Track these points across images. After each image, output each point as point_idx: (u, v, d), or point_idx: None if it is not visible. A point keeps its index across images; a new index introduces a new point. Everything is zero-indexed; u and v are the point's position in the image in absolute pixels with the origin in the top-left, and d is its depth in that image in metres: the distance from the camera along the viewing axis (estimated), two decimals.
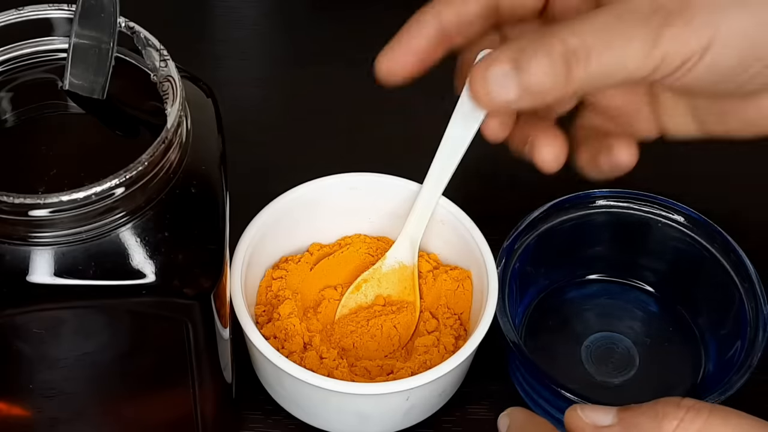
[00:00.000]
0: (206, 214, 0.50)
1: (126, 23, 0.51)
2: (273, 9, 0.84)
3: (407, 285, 0.62)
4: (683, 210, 0.64)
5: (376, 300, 0.62)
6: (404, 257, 0.62)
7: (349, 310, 0.62)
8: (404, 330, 0.61)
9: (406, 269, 0.62)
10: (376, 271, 0.62)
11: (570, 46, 0.51)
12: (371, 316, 0.61)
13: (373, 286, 0.62)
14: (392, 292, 0.62)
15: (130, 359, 0.52)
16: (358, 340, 0.61)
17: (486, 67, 0.53)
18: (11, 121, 0.51)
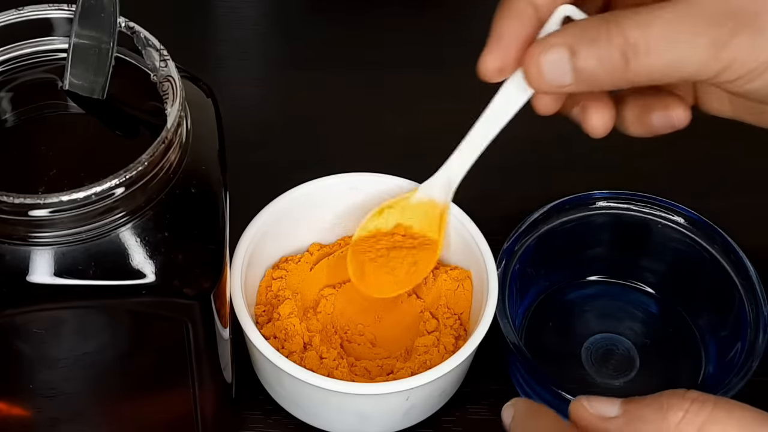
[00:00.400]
0: (206, 214, 0.50)
1: (126, 23, 0.51)
2: (273, 9, 0.84)
3: (433, 222, 0.60)
4: (683, 211, 0.64)
5: (396, 228, 0.60)
6: (437, 194, 0.60)
7: (367, 233, 0.60)
8: (424, 267, 0.60)
9: (435, 206, 0.60)
10: (403, 200, 0.60)
11: (631, 39, 0.51)
12: (392, 245, 0.60)
13: (395, 214, 0.60)
14: (414, 224, 0.60)
15: (130, 359, 0.52)
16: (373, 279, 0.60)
17: (542, 51, 0.52)
18: (11, 121, 0.51)
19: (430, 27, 0.81)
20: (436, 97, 0.77)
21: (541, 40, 0.53)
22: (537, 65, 0.53)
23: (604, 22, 0.52)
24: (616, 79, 0.52)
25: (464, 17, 0.82)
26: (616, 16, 0.52)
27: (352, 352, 0.61)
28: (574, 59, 0.52)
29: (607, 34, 0.51)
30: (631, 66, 0.51)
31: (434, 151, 0.73)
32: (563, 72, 0.52)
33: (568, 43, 0.52)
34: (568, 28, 0.53)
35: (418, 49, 0.79)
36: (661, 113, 0.57)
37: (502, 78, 0.56)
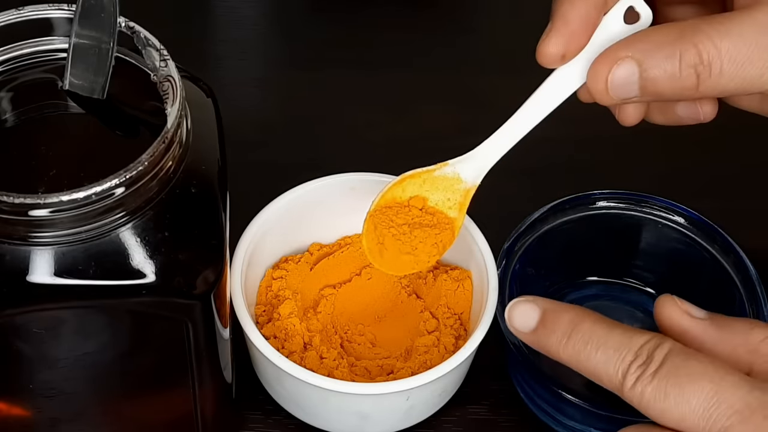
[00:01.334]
0: (206, 214, 0.50)
1: (126, 23, 0.51)
2: (273, 9, 0.84)
3: (453, 199, 0.58)
4: (683, 211, 0.64)
5: (412, 201, 0.59)
6: (465, 172, 0.58)
7: (385, 202, 0.58)
8: (443, 248, 0.59)
9: (459, 183, 0.58)
10: (426, 171, 0.58)
11: (704, 57, 0.50)
12: (411, 221, 0.58)
13: (415, 184, 0.58)
14: (431, 197, 0.58)
15: (130, 359, 0.52)
16: (393, 256, 0.58)
17: (610, 65, 0.51)
18: (11, 121, 0.51)
19: (430, 27, 0.81)
20: (436, 96, 0.77)
21: (609, 52, 0.52)
22: (605, 80, 0.51)
23: (677, 35, 0.50)
24: (684, 95, 0.51)
25: (464, 17, 0.82)
26: (687, 29, 0.50)
27: (352, 352, 0.61)
28: (644, 75, 0.51)
29: (681, 50, 0.50)
30: (702, 85, 0.50)
31: (434, 151, 0.73)
32: (630, 86, 0.51)
33: (637, 58, 0.51)
34: (638, 38, 0.51)
35: (418, 49, 0.79)
36: (687, 105, 0.57)
37: (562, 65, 0.54)
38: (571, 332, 0.51)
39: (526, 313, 0.52)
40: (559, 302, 0.53)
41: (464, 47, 0.80)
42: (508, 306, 0.53)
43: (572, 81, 0.55)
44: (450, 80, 0.78)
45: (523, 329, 0.52)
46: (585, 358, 0.50)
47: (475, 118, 0.75)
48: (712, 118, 0.57)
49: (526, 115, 0.56)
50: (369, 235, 0.58)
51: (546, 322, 0.52)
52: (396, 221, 0.58)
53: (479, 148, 0.58)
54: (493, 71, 0.78)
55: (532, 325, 0.52)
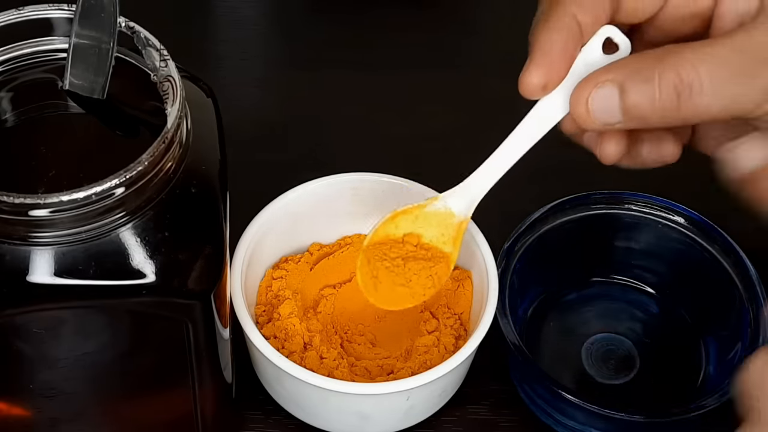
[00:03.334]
0: (206, 214, 0.50)
1: (126, 23, 0.51)
2: (273, 9, 0.84)
3: (447, 234, 0.58)
4: (683, 211, 0.64)
5: (407, 238, 0.59)
6: (456, 206, 0.58)
7: (379, 238, 0.58)
8: (438, 282, 0.59)
9: (451, 217, 0.58)
10: (418, 207, 0.58)
11: (684, 78, 0.50)
12: (405, 255, 0.59)
13: (408, 221, 0.58)
14: (425, 234, 0.59)
15: (130, 359, 0.52)
16: (388, 290, 0.58)
17: (591, 88, 0.52)
18: (11, 121, 0.51)
19: (431, 27, 0.81)
20: (436, 97, 0.77)
21: (591, 77, 0.52)
22: (586, 103, 0.52)
23: (656, 58, 0.51)
24: (666, 119, 0.51)
25: (466, 17, 0.82)
26: (667, 52, 0.51)
27: (353, 352, 0.61)
28: (624, 97, 0.51)
29: (660, 72, 0.50)
30: (682, 106, 0.50)
31: (434, 151, 0.73)
32: (612, 110, 0.51)
33: (618, 80, 0.51)
34: (619, 64, 0.52)
35: (418, 49, 0.79)
36: (651, 147, 0.57)
37: (544, 95, 0.54)
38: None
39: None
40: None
41: (466, 48, 0.80)
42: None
43: (556, 110, 0.55)
44: (451, 81, 0.78)
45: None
46: None
47: (477, 119, 0.75)
48: (675, 160, 0.58)
49: (512, 146, 0.57)
50: (363, 269, 0.58)
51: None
52: (390, 255, 0.58)
53: (467, 180, 0.58)
54: (494, 72, 0.78)
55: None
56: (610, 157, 0.56)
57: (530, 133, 0.56)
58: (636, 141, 0.57)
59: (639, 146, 0.57)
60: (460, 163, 0.60)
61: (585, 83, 0.52)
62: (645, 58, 0.52)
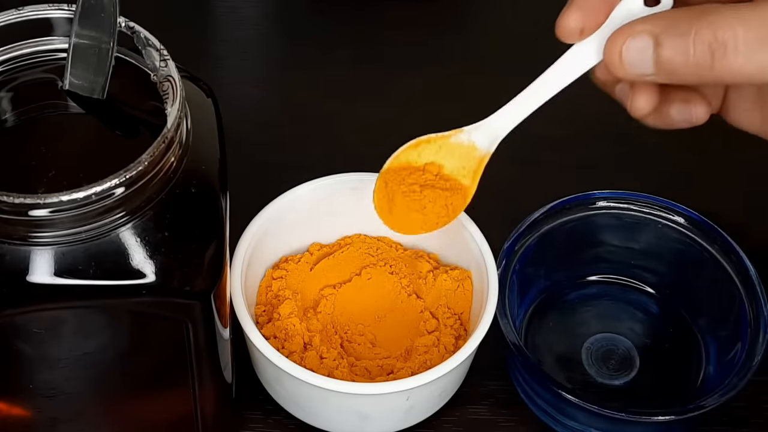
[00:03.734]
0: (206, 214, 0.50)
1: (126, 23, 0.51)
2: (273, 9, 0.84)
3: (468, 166, 0.58)
4: (683, 211, 0.64)
5: (428, 166, 0.59)
6: (480, 140, 0.58)
7: (399, 164, 0.59)
8: (453, 212, 0.59)
9: (474, 150, 0.58)
10: (442, 137, 0.58)
11: (719, 37, 0.50)
12: (424, 183, 0.58)
13: (431, 150, 0.58)
14: (447, 164, 0.58)
15: (130, 359, 0.52)
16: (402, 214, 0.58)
17: (626, 37, 0.51)
18: (11, 121, 0.51)
19: (431, 27, 0.81)
20: (437, 96, 0.77)
21: (627, 26, 0.52)
22: (620, 51, 0.52)
23: (695, 14, 0.51)
24: (699, 76, 0.51)
25: (466, 16, 0.82)
26: (706, 10, 0.51)
27: (352, 352, 0.61)
28: (659, 50, 0.51)
29: (697, 28, 0.50)
30: (716, 64, 0.50)
31: None
32: (645, 61, 0.51)
33: (654, 33, 0.51)
34: (656, 16, 0.52)
35: (419, 49, 0.79)
36: (681, 106, 0.57)
37: (580, 39, 0.54)
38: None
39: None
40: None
41: (467, 46, 0.80)
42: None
43: (589, 57, 0.55)
44: (452, 79, 0.78)
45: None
46: None
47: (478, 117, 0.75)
48: (704, 121, 0.57)
49: (541, 86, 0.56)
50: (380, 192, 0.58)
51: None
52: (407, 181, 0.58)
53: (494, 116, 0.57)
54: (495, 70, 0.78)
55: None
56: (640, 110, 0.56)
57: (561, 76, 0.56)
58: (666, 100, 0.57)
59: (668, 105, 0.57)
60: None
61: (621, 32, 0.52)
62: (684, 13, 0.51)
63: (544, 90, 0.56)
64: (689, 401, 0.59)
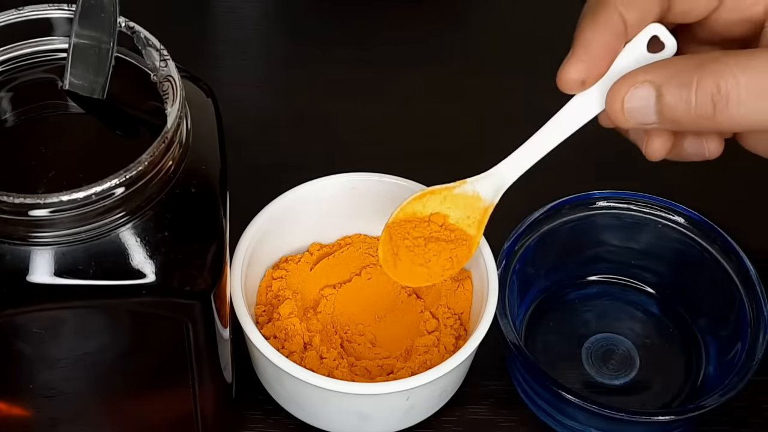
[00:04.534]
0: (206, 214, 0.50)
1: (126, 23, 0.51)
2: (273, 9, 0.84)
3: (473, 216, 0.59)
4: (683, 211, 0.64)
5: (434, 217, 0.59)
6: (484, 191, 0.58)
7: (405, 216, 0.59)
8: (458, 264, 0.59)
9: (478, 201, 0.58)
10: (446, 189, 0.58)
11: (722, 88, 0.50)
12: (428, 235, 0.59)
13: (436, 201, 0.58)
14: (452, 215, 0.59)
15: (130, 359, 0.52)
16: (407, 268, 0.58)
17: (628, 87, 0.52)
18: (11, 121, 0.51)
19: (431, 26, 0.81)
20: (437, 96, 0.77)
21: (629, 76, 0.52)
22: (622, 102, 0.52)
23: (697, 63, 0.51)
24: (700, 126, 0.51)
25: (465, 15, 0.82)
26: (708, 59, 0.51)
27: (353, 352, 0.61)
28: (661, 100, 0.51)
29: (698, 78, 0.50)
30: (718, 115, 0.50)
31: (435, 151, 0.73)
32: (647, 111, 0.52)
33: (656, 83, 0.51)
34: (658, 64, 0.52)
35: (419, 48, 0.79)
36: (694, 142, 0.57)
37: (581, 90, 0.54)
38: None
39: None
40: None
41: (466, 45, 0.80)
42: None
43: (592, 106, 0.55)
44: (452, 78, 0.78)
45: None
46: None
47: (477, 116, 0.75)
48: (717, 156, 0.58)
49: (545, 137, 0.57)
50: (385, 245, 0.58)
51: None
52: (412, 234, 0.58)
53: (498, 167, 0.58)
54: (495, 69, 0.78)
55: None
56: (656, 153, 0.56)
57: (564, 126, 0.56)
58: (679, 135, 0.57)
59: (681, 140, 0.57)
60: (461, 162, 0.60)
61: (623, 81, 0.52)
62: (686, 62, 0.51)
63: (548, 140, 0.57)
64: (689, 401, 0.59)
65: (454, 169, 0.60)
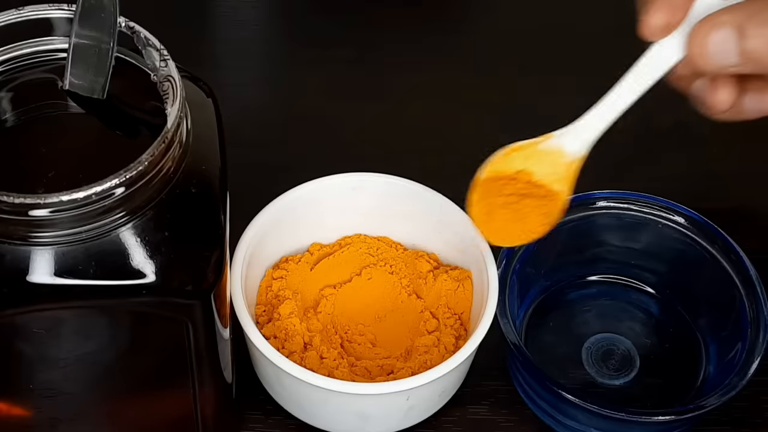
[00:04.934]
0: (206, 214, 0.50)
1: (126, 23, 0.51)
2: (273, 9, 0.84)
3: (557, 172, 0.58)
4: (683, 211, 0.64)
5: (519, 175, 0.58)
6: (569, 145, 0.57)
7: (494, 173, 0.58)
8: (551, 219, 0.58)
9: (563, 156, 0.57)
10: (531, 144, 0.58)
11: None
12: (520, 192, 0.58)
13: (520, 158, 0.58)
14: (537, 171, 0.58)
15: (131, 359, 0.52)
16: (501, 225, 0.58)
17: (709, 29, 0.51)
18: (11, 121, 0.51)
19: (431, 27, 0.81)
20: (437, 96, 0.77)
21: (709, 18, 0.52)
22: (703, 43, 0.52)
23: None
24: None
25: (465, 16, 0.82)
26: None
27: (353, 352, 0.61)
28: (743, 40, 0.51)
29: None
30: None
31: (435, 150, 0.73)
32: (729, 52, 0.51)
33: (737, 22, 0.51)
34: (738, 6, 0.52)
35: (419, 49, 0.80)
36: (755, 96, 0.57)
37: (665, 36, 0.54)
38: None
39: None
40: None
41: (467, 45, 0.80)
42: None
43: (671, 53, 0.54)
44: (452, 78, 0.78)
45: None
46: None
47: (477, 117, 0.75)
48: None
49: (627, 87, 0.56)
50: (477, 204, 0.58)
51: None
52: (504, 191, 0.58)
53: (581, 120, 0.57)
54: (495, 69, 0.78)
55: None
56: (722, 104, 0.56)
57: (645, 75, 0.55)
58: (741, 91, 0.56)
59: (742, 96, 0.57)
60: (460, 162, 0.60)
61: (703, 24, 0.52)
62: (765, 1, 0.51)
63: (630, 91, 0.56)
64: (689, 401, 0.59)
65: (454, 169, 0.60)
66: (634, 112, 0.57)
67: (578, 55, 0.78)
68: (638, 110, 0.57)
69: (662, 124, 0.73)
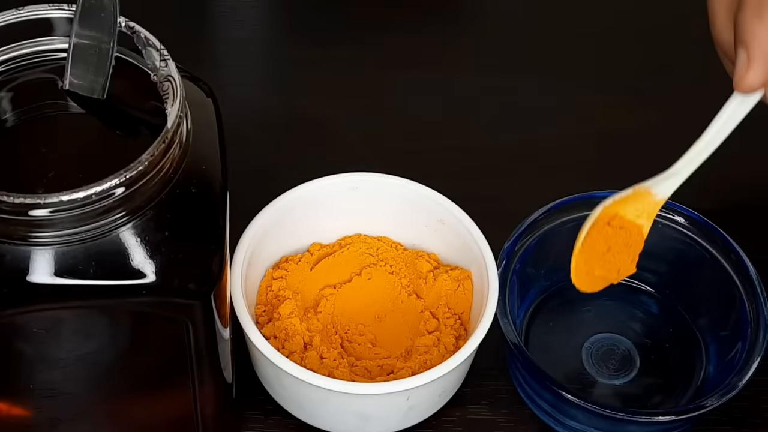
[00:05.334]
0: (206, 214, 0.50)
1: (126, 23, 0.51)
2: (274, 9, 0.84)
3: (643, 209, 0.59)
4: (683, 211, 0.64)
5: (613, 222, 0.59)
6: (659, 187, 0.58)
7: (596, 227, 0.59)
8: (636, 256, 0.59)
9: (651, 196, 0.58)
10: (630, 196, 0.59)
11: None
12: (613, 247, 0.59)
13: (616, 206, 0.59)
14: (628, 211, 0.59)
15: (131, 359, 0.52)
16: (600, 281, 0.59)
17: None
18: (11, 121, 0.51)
19: (431, 27, 0.81)
20: (436, 96, 0.77)
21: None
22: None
23: None
24: None
25: (466, 17, 0.82)
26: None
27: (353, 352, 0.61)
28: None
29: None
30: None
31: (434, 151, 0.73)
32: None
33: None
34: None
35: (419, 49, 0.80)
36: None
37: (760, 90, 0.55)
38: None
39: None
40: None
41: (467, 46, 0.80)
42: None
43: (755, 98, 0.56)
44: (451, 79, 0.78)
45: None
46: None
47: (477, 116, 0.75)
48: None
49: (714, 133, 0.57)
50: (581, 258, 0.59)
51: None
52: (599, 249, 0.58)
53: (674, 167, 0.58)
54: (495, 69, 0.78)
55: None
56: None
57: (729, 122, 0.56)
58: None
59: None
60: (460, 162, 0.60)
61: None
62: None
63: (718, 133, 0.57)
64: (689, 401, 0.59)
65: (454, 169, 0.60)
66: None
67: (578, 55, 0.78)
68: None
69: None
